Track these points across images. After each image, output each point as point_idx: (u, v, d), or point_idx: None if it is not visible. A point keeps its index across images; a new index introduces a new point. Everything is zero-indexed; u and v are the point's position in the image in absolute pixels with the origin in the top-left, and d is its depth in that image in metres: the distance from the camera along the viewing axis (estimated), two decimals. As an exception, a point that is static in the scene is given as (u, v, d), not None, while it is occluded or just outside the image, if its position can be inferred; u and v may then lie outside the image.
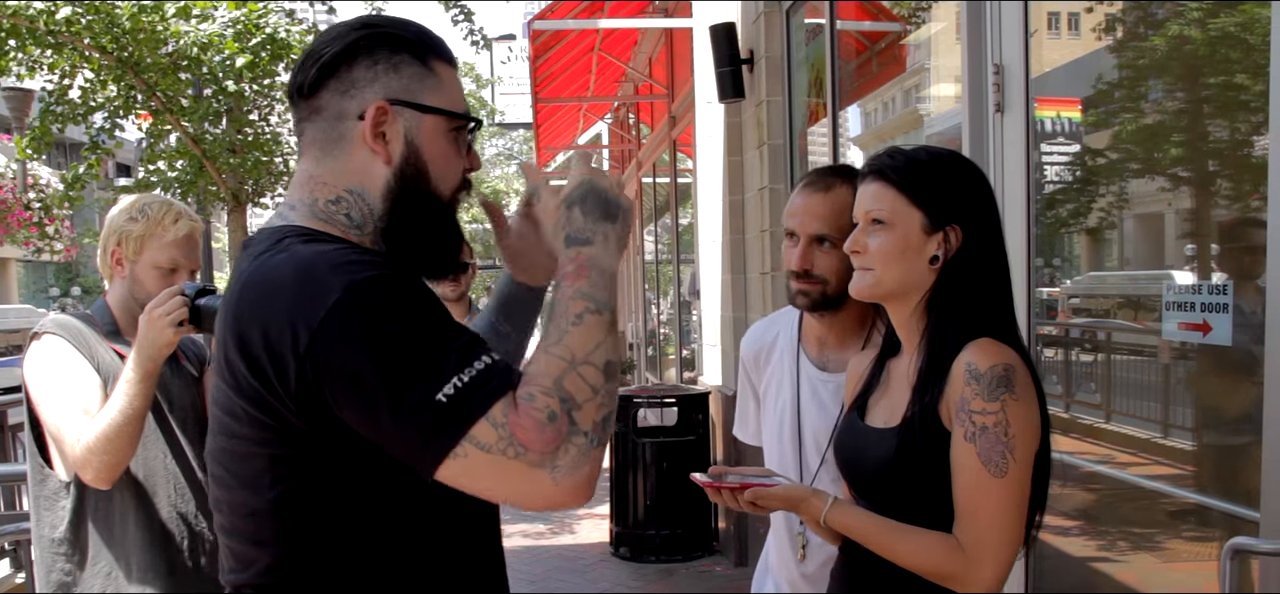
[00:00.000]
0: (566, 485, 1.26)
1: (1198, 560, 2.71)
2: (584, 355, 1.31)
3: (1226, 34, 2.65)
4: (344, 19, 1.54)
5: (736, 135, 6.54)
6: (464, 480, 1.27)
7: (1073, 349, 3.54)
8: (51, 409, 2.32)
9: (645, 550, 6.87)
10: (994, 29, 3.20)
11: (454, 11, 9.97)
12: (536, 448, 1.25)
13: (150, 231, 2.47)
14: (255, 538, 1.40)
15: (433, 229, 1.49)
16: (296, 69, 1.48)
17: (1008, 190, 3.14)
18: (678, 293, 11.24)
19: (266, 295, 1.32)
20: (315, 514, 1.36)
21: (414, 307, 1.30)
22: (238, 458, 1.39)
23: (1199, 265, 2.74)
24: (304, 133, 1.48)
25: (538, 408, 1.26)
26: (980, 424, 1.64)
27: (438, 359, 1.25)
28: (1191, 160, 2.86)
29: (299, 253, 1.35)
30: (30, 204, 10.62)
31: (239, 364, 1.33)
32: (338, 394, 1.27)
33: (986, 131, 3.23)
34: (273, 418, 1.31)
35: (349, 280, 1.27)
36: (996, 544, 1.64)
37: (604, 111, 15.31)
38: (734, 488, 1.86)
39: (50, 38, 8.35)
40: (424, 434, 1.24)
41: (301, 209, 1.46)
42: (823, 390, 2.34)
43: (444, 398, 1.23)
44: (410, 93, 1.44)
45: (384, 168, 1.44)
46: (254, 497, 1.38)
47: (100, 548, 2.39)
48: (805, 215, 2.24)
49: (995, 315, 1.76)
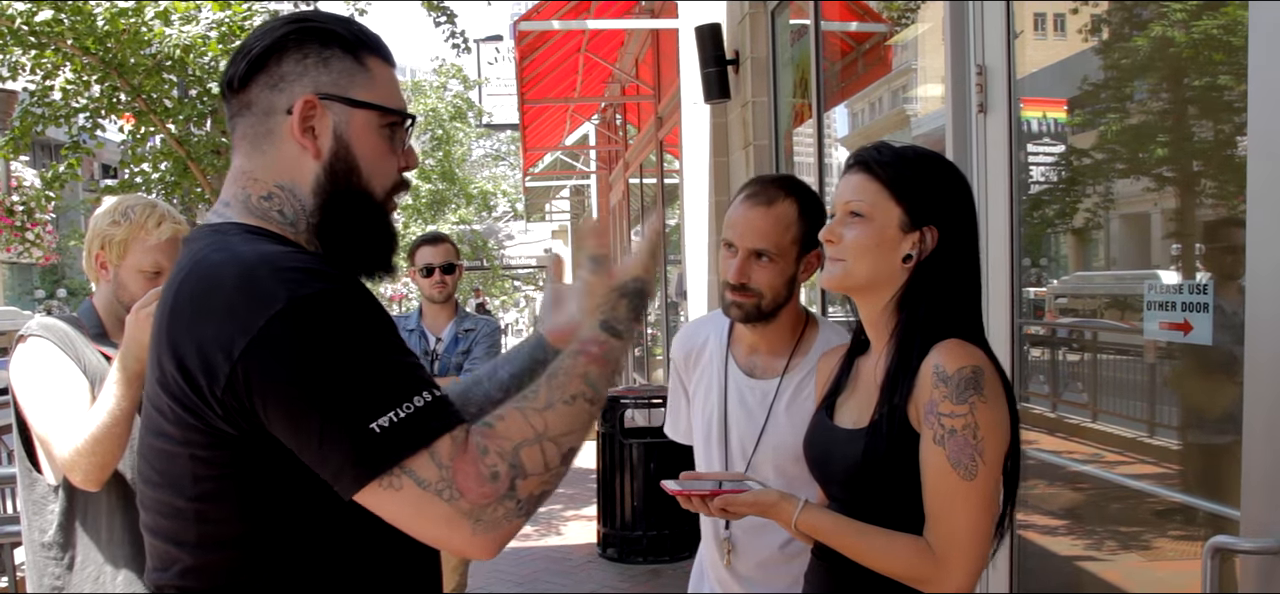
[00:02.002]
0: (481, 540, 1.27)
1: (1182, 559, 2.73)
2: (555, 434, 1.32)
3: (1209, 36, 2.67)
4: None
5: (722, 136, 6.55)
6: (384, 507, 1.26)
7: (1059, 349, 3.55)
8: (39, 412, 2.31)
9: (633, 551, 6.87)
10: (977, 30, 3.22)
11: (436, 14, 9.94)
12: (471, 498, 1.25)
13: (133, 235, 2.45)
14: (177, 538, 1.38)
15: (365, 227, 1.47)
16: (228, 63, 1.47)
17: (991, 191, 3.15)
18: (665, 294, 11.24)
19: (204, 293, 1.30)
20: (236, 518, 1.34)
21: (359, 328, 1.27)
22: (163, 456, 1.37)
23: (1183, 265, 2.76)
24: (236, 128, 1.46)
25: (487, 464, 1.26)
26: (949, 427, 1.64)
27: (376, 386, 1.24)
28: (1176, 160, 2.88)
29: (241, 253, 1.32)
30: (13, 207, 10.54)
31: (168, 362, 1.31)
32: (268, 406, 1.25)
33: (969, 132, 3.24)
34: (198, 419, 1.29)
35: (294, 292, 1.24)
36: (966, 546, 1.65)
37: (591, 112, 15.31)
38: (705, 495, 1.86)
39: (32, 38, 8.30)
40: (350, 457, 1.23)
41: (236, 206, 1.44)
42: (749, 397, 2.35)
43: (378, 427, 1.22)
44: (339, 87, 1.43)
45: (313, 163, 1.42)
46: (177, 496, 1.36)
47: (89, 550, 2.38)
48: (745, 228, 2.23)
49: (963, 318, 1.76)
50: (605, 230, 1.70)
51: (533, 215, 28.75)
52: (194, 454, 1.32)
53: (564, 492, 9.33)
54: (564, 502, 8.91)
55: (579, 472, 10.17)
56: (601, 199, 17.32)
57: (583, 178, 19.90)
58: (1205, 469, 2.71)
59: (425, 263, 4.56)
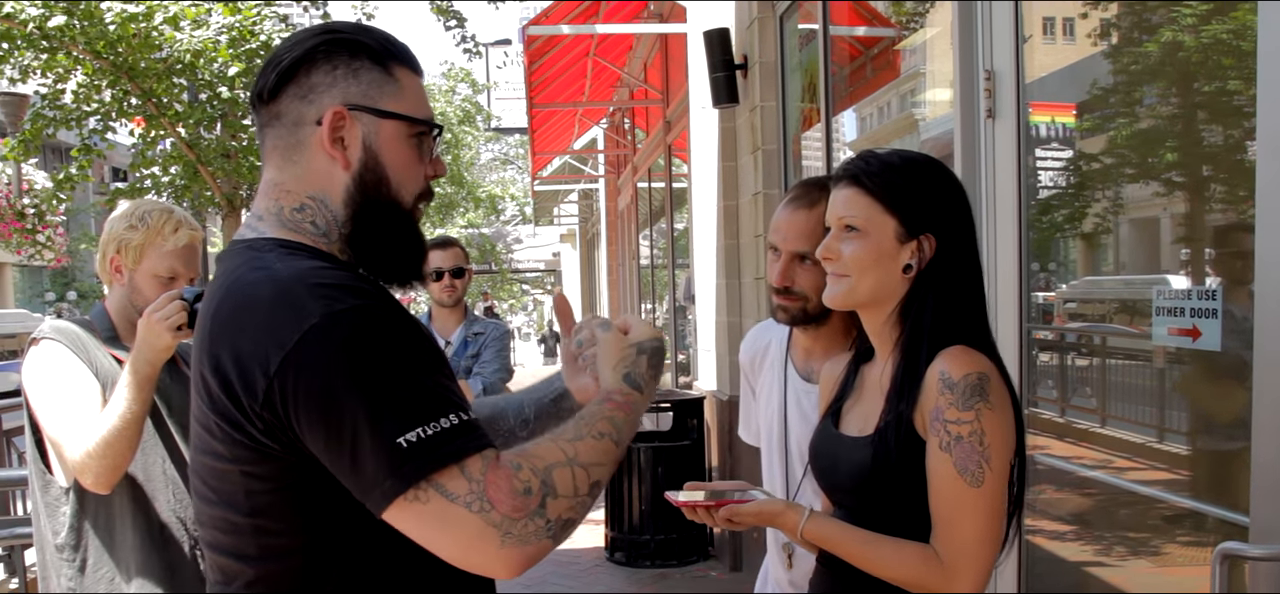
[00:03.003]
0: (508, 555, 1.26)
1: (1192, 565, 2.72)
2: (585, 462, 1.34)
3: (1219, 40, 2.66)
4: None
5: (731, 140, 6.55)
6: (411, 525, 1.26)
7: (1068, 354, 3.54)
8: (50, 415, 2.32)
9: (640, 555, 6.87)
10: (985, 34, 3.21)
11: (445, 18, 9.98)
12: (502, 509, 1.25)
13: (150, 240, 2.46)
14: (238, 553, 1.39)
15: (395, 235, 1.48)
16: (258, 75, 1.48)
17: (999, 196, 3.15)
18: (673, 298, 11.25)
19: (241, 310, 1.32)
20: (294, 529, 1.35)
21: (392, 343, 1.29)
22: (216, 474, 1.38)
23: (1193, 270, 2.75)
24: (266, 139, 1.47)
25: (521, 478, 1.27)
26: (955, 434, 1.64)
27: (408, 401, 1.25)
28: (1186, 165, 2.87)
29: (277, 271, 1.34)
30: (24, 210, 10.59)
31: (212, 380, 1.32)
32: (302, 419, 1.26)
33: (978, 137, 3.24)
34: (244, 436, 1.30)
35: (329, 308, 1.26)
36: (974, 554, 1.64)
37: (599, 116, 15.32)
38: (709, 506, 1.86)
39: (44, 42, 8.35)
40: (380, 473, 1.23)
41: (270, 219, 1.45)
42: (806, 401, 2.37)
43: (406, 442, 1.23)
44: (369, 98, 1.44)
45: (343, 173, 1.43)
46: (233, 512, 1.37)
47: (101, 553, 2.39)
48: (788, 231, 2.26)
49: (968, 324, 1.75)
50: (565, 311, 1.80)
51: (541, 219, 28.77)
52: (244, 470, 1.34)
53: (572, 495, 9.32)
54: (572, 505, 8.90)
55: (587, 475, 10.18)
56: (610, 203, 17.33)
57: (591, 182, 19.92)
58: (1214, 475, 2.70)
59: (434, 267, 4.57)
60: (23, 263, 25.63)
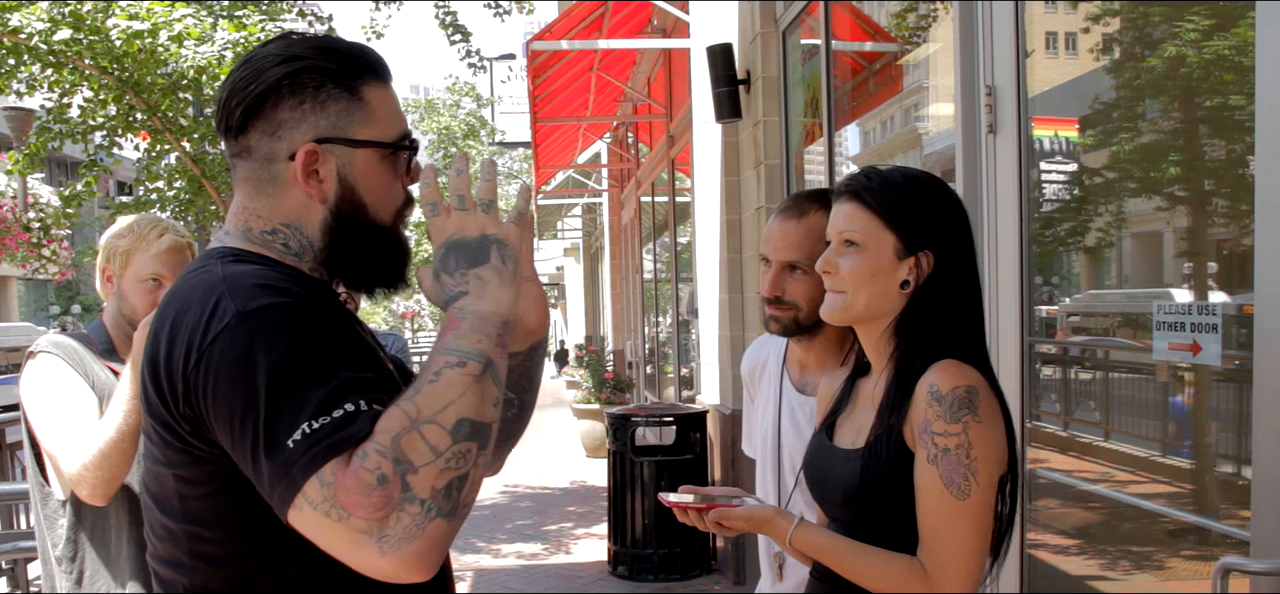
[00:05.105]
0: (395, 558, 1.15)
1: (1193, 579, 2.71)
2: (430, 414, 1.19)
3: (1221, 56, 2.67)
4: (266, 42, 1.47)
5: (733, 155, 6.56)
6: (310, 533, 1.19)
7: (1071, 367, 3.54)
8: (47, 428, 2.33)
9: (643, 569, 6.86)
10: (987, 49, 3.22)
11: (450, 32, 10.00)
12: (359, 513, 1.15)
13: (135, 245, 2.49)
14: (174, 560, 1.37)
15: (375, 253, 1.46)
16: (220, 105, 1.43)
17: (1001, 211, 3.15)
18: (676, 311, 11.24)
19: (175, 314, 1.31)
20: (225, 537, 1.33)
21: (301, 340, 1.24)
22: (155, 479, 1.37)
23: (1195, 284, 2.75)
24: (237, 169, 1.45)
25: (368, 468, 1.15)
26: (942, 446, 1.64)
27: (303, 399, 1.19)
28: (1188, 179, 2.87)
29: (212, 273, 1.33)
30: (30, 224, 10.63)
31: (149, 384, 1.33)
32: (211, 419, 1.25)
33: (979, 152, 3.24)
34: (175, 438, 1.30)
35: (242, 307, 1.25)
36: (959, 567, 1.64)
37: (603, 131, 15.35)
38: (700, 508, 1.86)
39: (51, 57, 8.38)
40: (274, 478, 1.19)
41: (235, 233, 1.44)
42: (800, 413, 2.38)
43: (292, 443, 1.18)
44: (339, 129, 1.40)
45: (320, 206, 1.41)
46: (170, 518, 1.36)
47: (98, 565, 2.40)
48: (778, 242, 2.27)
49: (963, 340, 1.76)
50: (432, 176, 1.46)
51: (545, 233, 28.79)
52: (177, 474, 1.33)
53: (575, 509, 9.32)
54: (575, 519, 8.90)
55: (590, 489, 10.17)
56: (613, 217, 17.35)
57: (594, 196, 19.93)
58: (1215, 490, 2.70)
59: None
60: (28, 277, 25.70)
